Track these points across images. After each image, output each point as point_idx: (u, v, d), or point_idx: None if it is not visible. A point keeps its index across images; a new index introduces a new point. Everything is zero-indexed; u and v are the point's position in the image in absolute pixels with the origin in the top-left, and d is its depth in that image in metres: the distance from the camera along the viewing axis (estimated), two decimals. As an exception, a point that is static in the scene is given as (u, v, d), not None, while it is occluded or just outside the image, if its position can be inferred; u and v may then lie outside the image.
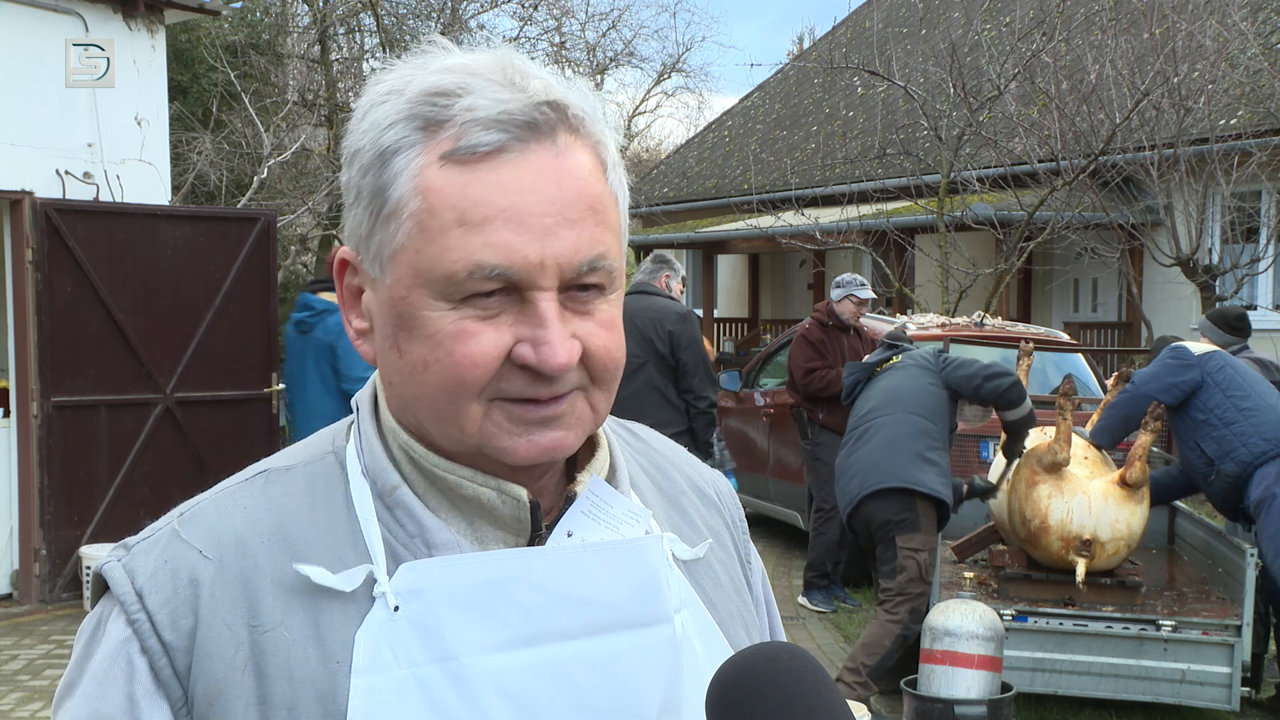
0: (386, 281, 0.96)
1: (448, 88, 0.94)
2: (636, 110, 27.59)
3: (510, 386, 0.94)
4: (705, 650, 1.04)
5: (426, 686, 0.93)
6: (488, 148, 0.93)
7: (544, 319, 0.93)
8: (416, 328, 0.94)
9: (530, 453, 0.96)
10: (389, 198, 0.94)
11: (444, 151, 0.93)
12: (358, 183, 0.97)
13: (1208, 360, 5.78)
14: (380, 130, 0.95)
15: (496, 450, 0.96)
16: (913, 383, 5.88)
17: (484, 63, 0.97)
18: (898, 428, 5.72)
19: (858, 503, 5.75)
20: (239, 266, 8.37)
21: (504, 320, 0.94)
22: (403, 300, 0.95)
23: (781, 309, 20.39)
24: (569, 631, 0.96)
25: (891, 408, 5.81)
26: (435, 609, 0.95)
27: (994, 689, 4.74)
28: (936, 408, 5.80)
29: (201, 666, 0.93)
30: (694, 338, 6.38)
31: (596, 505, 1.03)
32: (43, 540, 7.66)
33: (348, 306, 1.02)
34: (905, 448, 5.65)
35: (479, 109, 0.93)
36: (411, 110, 0.94)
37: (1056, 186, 11.45)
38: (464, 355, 0.93)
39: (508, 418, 0.95)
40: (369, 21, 18.01)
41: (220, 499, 1.01)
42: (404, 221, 0.94)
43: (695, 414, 6.33)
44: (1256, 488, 5.58)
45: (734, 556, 1.19)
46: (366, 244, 0.97)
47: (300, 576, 0.95)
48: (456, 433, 0.96)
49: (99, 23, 8.04)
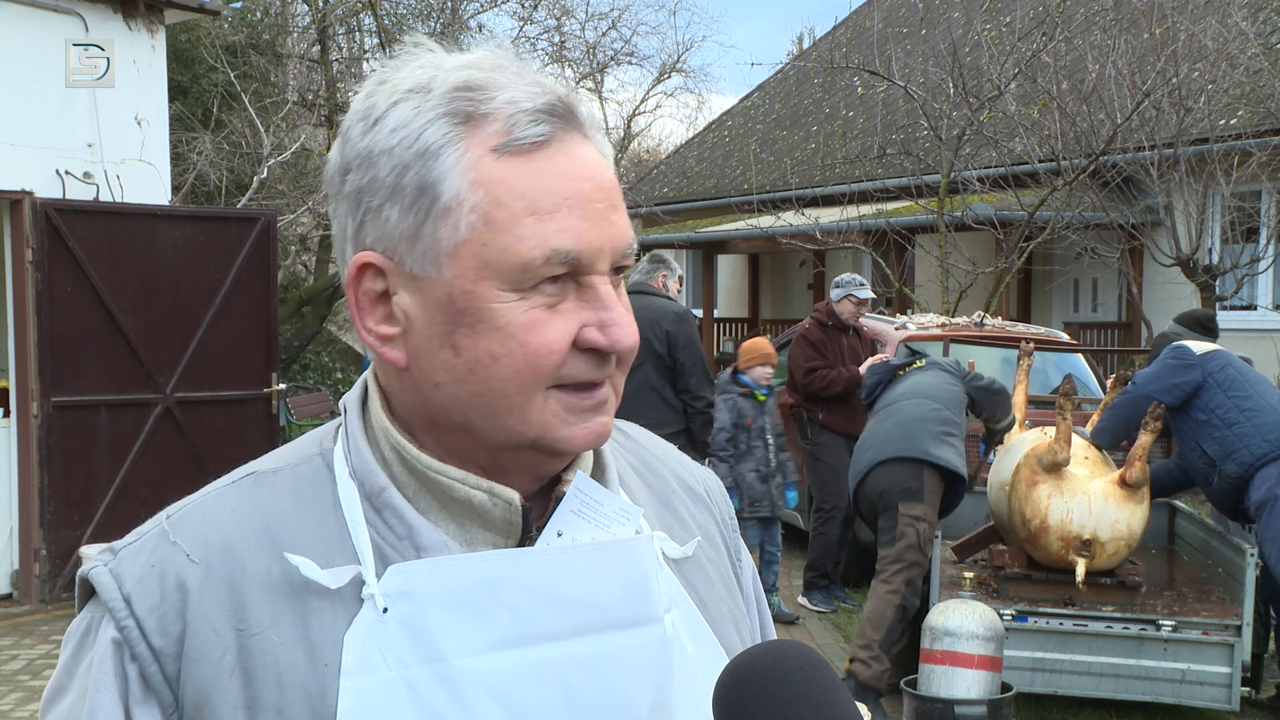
0: (444, 277, 0.95)
1: (479, 82, 0.96)
2: (636, 110, 27.58)
3: (572, 371, 0.96)
4: (696, 649, 1.04)
5: (415, 688, 0.93)
6: (541, 138, 0.95)
7: (607, 301, 0.96)
8: (483, 321, 0.94)
9: (585, 439, 0.98)
10: (441, 193, 0.94)
11: (496, 144, 0.94)
12: (392, 183, 0.95)
13: (1209, 360, 5.76)
14: (417, 128, 0.95)
15: (555, 440, 0.97)
16: (938, 380, 6.11)
17: (496, 59, 0.99)
18: (920, 409, 5.92)
19: (867, 472, 5.86)
20: (239, 266, 8.37)
21: (566, 307, 0.96)
22: (466, 294, 0.94)
23: (781, 309, 20.38)
24: (558, 632, 0.96)
25: (916, 396, 6.02)
26: (424, 610, 0.94)
27: (994, 689, 4.74)
28: (958, 406, 6.03)
29: (190, 671, 0.93)
30: (691, 337, 6.38)
31: (585, 503, 1.03)
32: (43, 540, 7.66)
33: (364, 312, 0.99)
34: (924, 426, 5.84)
35: (521, 101, 0.95)
36: (448, 106, 0.95)
37: (1057, 186, 11.45)
38: (539, 344, 0.94)
39: (564, 407, 0.97)
40: (369, 21, 18.03)
41: (207, 501, 1.01)
42: (465, 215, 0.94)
43: (693, 414, 6.33)
44: (1258, 489, 5.57)
45: (724, 555, 1.19)
46: (411, 243, 0.96)
47: (288, 579, 0.95)
48: (518, 424, 0.97)
49: (99, 23, 8.04)
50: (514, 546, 1.00)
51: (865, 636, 5.56)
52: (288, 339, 15.76)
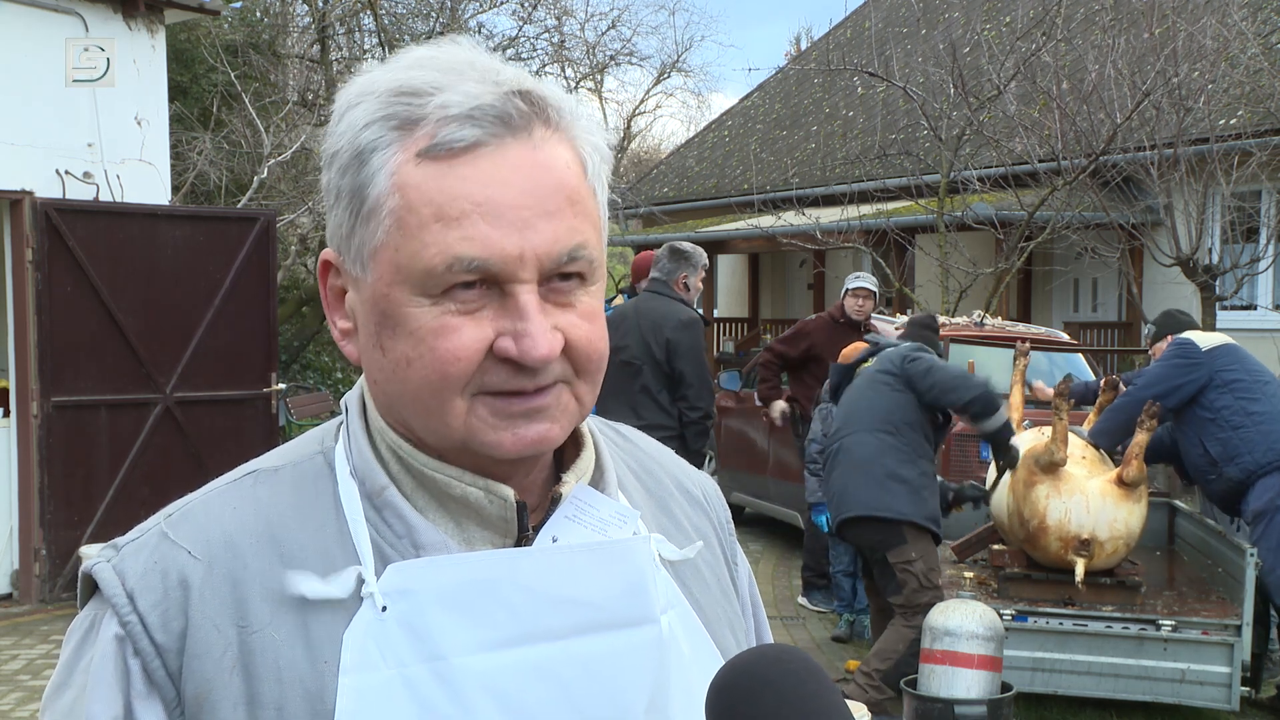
0: (368, 280, 0.96)
1: (418, 86, 0.95)
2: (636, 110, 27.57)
3: (493, 380, 0.95)
4: (691, 651, 1.04)
5: (414, 686, 0.93)
6: (463, 143, 0.93)
7: (524, 311, 0.93)
8: (399, 325, 0.95)
9: (516, 446, 0.96)
10: (368, 196, 0.95)
11: (420, 149, 0.94)
12: (337, 183, 0.98)
13: (1216, 358, 5.68)
14: (356, 131, 0.96)
15: (482, 445, 0.96)
16: (874, 392, 5.65)
17: (453, 57, 0.98)
18: (861, 450, 5.53)
19: (839, 528, 5.71)
20: (238, 266, 8.38)
21: (485, 314, 0.94)
22: (384, 298, 0.95)
23: (781, 309, 20.37)
24: (556, 631, 0.97)
25: (853, 425, 5.64)
26: (423, 609, 0.95)
27: (994, 689, 4.74)
28: (903, 416, 5.54)
29: (191, 667, 0.94)
30: (694, 346, 6.12)
31: (581, 509, 1.03)
32: (43, 540, 7.66)
33: (332, 308, 1.03)
34: (871, 471, 5.47)
35: (452, 105, 0.94)
36: (385, 110, 0.95)
37: (1057, 186, 11.44)
38: (446, 350, 0.94)
39: (491, 411, 0.96)
40: (369, 22, 18.02)
41: (209, 499, 1.02)
42: (383, 219, 0.94)
43: (688, 423, 6.08)
44: (1259, 497, 5.54)
45: (720, 558, 1.19)
46: (348, 244, 0.98)
47: (289, 579, 0.95)
48: (442, 428, 0.97)
49: (99, 23, 8.04)
50: (511, 546, 1.00)
51: (869, 665, 5.44)
52: (288, 339, 15.76)
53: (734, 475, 10.02)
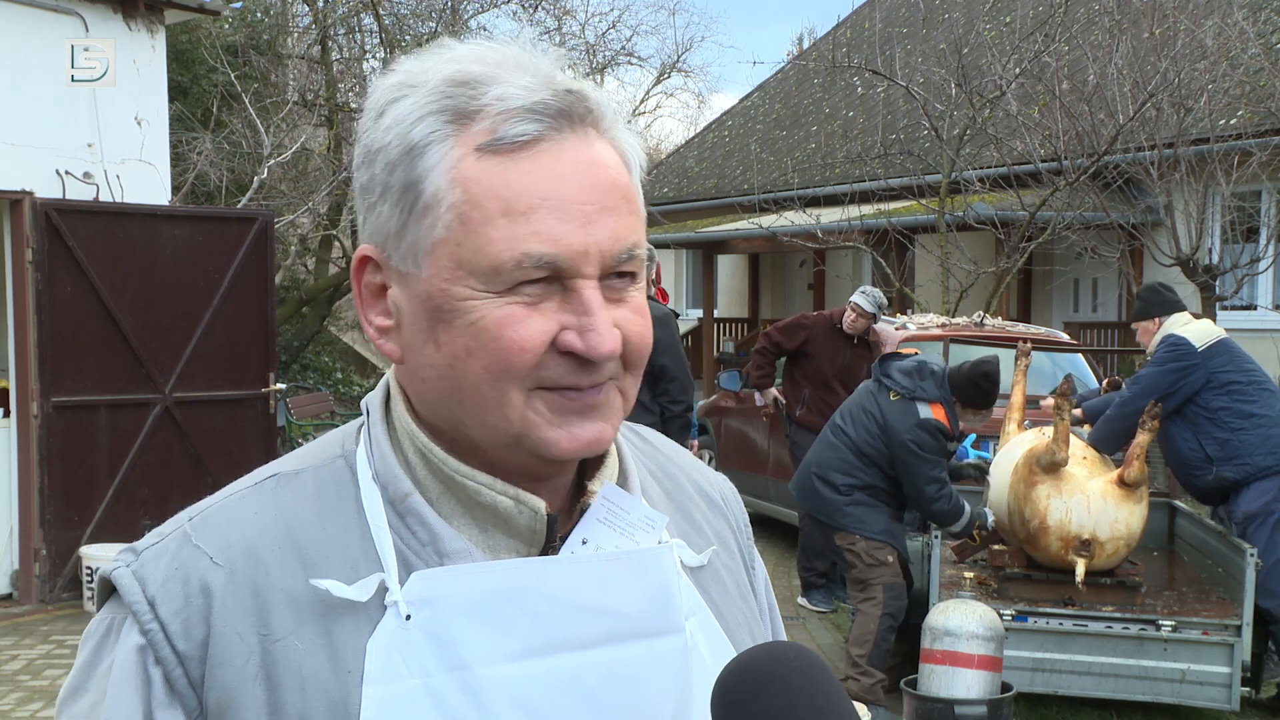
0: (423, 275, 0.95)
1: (472, 76, 0.94)
2: (636, 110, 27.58)
3: (551, 374, 0.94)
4: (713, 658, 1.03)
5: (439, 696, 0.93)
6: (526, 137, 0.93)
7: (589, 306, 0.93)
8: (458, 317, 0.94)
9: (571, 446, 0.96)
10: (423, 191, 0.94)
11: (480, 143, 0.93)
12: (384, 180, 0.96)
13: (1212, 357, 5.68)
14: (407, 125, 0.95)
15: (537, 441, 0.95)
16: (859, 425, 5.79)
17: (502, 52, 0.97)
18: (822, 453, 5.89)
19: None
20: (237, 266, 8.37)
21: (548, 307, 0.94)
22: (442, 292, 0.94)
23: (781, 309, 20.36)
24: (582, 641, 0.96)
25: (845, 420, 5.90)
26: (447, 618, 0.94)
27: (994, 689, 4.74)
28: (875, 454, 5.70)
29: (214, 676, 0.93)
30: (672, 341, 6.28)
31: (612, 511, 1.02)
32: (43, 540, 7.66)
33: (367, 305, 1.01)
34: (819, 479, 5.82)
35: (511, 98, 0.93)
36: (438, 103, 0.94)
37: (1058, 186, 11.44)
38: (512, 340, 0.93)
39: (549, 407, 0.95)
40: (369, 22, 18.02)
41: (230, 504, 1.01)
42: (442, 214, 0.94)
43: (670, 418, 6.18)
44: (1252, 500, 5.55)
45: (739, 562, 1.19)
46: (397, 240, 0.96)
47: (312, 586, 0.94)
48: (499, 421, 0.95)
49: (99, 23, 8.04)
50: (537, 554, 1.00)
51: (851, 655, 5.63)
52: (288, 339, 15.76)
53: (733, 475, 9.84)
